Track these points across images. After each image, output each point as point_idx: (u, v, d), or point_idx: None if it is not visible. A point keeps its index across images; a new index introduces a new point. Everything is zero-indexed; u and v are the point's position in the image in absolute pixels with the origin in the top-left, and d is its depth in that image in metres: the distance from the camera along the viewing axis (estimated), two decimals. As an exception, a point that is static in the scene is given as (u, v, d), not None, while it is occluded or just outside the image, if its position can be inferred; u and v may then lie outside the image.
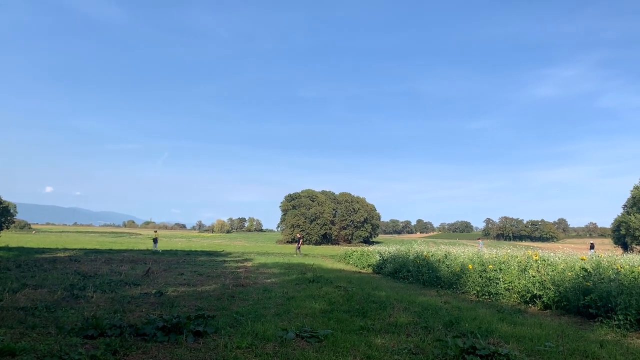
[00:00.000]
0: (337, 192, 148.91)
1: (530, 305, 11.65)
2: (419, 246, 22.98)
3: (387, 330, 7.57)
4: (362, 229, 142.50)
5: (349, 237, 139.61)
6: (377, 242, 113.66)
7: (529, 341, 6.97)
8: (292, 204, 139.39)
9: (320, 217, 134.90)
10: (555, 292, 11.00)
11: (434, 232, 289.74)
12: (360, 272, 23.17)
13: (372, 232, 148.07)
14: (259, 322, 7.72)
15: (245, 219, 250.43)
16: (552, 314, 10.61)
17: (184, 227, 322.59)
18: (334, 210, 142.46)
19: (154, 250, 34.76)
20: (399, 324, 8.11)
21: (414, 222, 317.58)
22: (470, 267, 14.69)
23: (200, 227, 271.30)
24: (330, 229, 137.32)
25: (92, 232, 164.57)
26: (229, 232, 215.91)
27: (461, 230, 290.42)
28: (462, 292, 14.13)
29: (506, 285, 12.72)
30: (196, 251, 38.17)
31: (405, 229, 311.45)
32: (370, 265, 26.01)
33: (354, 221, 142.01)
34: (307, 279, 15.00)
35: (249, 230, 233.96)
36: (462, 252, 18.78)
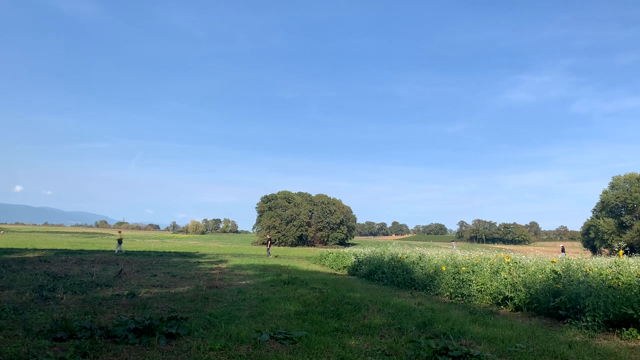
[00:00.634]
0: (313, 194, 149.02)
1: (502, 306, 11.82)
2: (394, 248, 23.11)
3: (361, 331, 7.60)
4: (338, 230, 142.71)
5: (325, 239, 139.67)
6: (353, 244, 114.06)
7: (500, 342, 7.08)
8: (268, 205, 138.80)
9: (296, 218, 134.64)
10: (526, 294, 11.19)
11: (409, 234, 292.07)
12: (335, 274, 23.20)
13: (348, 234, 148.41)
14: (233, 324, 7.67)
15: (220, 220, 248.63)
16: (523, 315, 10.79)
17: (157, 227, 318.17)
18: (310, 211, 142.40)
19: (117, 251, 33.85)
20: (373, 325, 8.15)
21: (389, 224, 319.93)
22: (443, 269, 14.85)
23: (174, 228, 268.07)
24: (306, 231, 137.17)
25: (63, 233, 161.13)
26: (203, 233, 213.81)
27: (435, 232, 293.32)
28: (436, 294, 14.27)
29: (479, 287, 12.89)
30: (170, 252, 37.71)
31: (380, 231, 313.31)
32: (345, 267, 26.07)
33: (330, 223, 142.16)
34: (282, 281, 14.97)
35: (224, 231, 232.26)
36: (436, 254, 18.99)
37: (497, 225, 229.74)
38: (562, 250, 36.35)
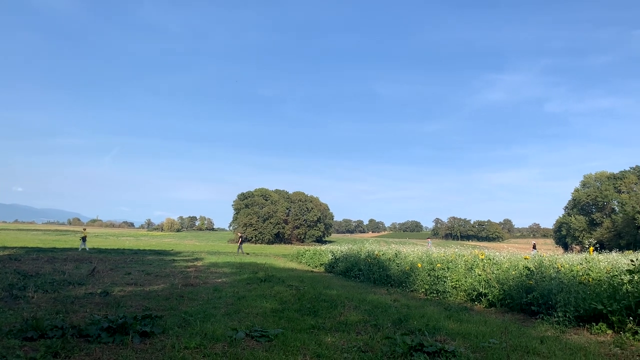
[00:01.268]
0: (290, 192, 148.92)
1: (476, 303, 11.98)
2: (370, 245, 23.27)
3: (337, 328, 7.62)
4: (315, 228, 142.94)
5: (302, 236, 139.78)
6: (330, 241, 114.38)
7: (474, 338, 7.18)
8: (245, 203, 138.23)
9: (273, 216, 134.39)
10: (499, 290, 11.36)
11: (386, 232, 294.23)
12: (312, 271, 23.23)
13: (325, 232, 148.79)
14: (209, 322, 7.62)
15: (196, 217, 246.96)
16: (496, 311, 10.95)
17: (132, 225, 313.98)
18: (287, 209, 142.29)
19: (81, 249, 33.13)
20: (350, 322, 8.18)
21: (366, 222, 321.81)
22: (419, 265, 14.99)
23: (149, 225, 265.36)
24: (283, 228, 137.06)
25: (34, 230, 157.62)
26: (179, 230, 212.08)
27: (412, 229, 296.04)
28: (412, 291, 14.39)
29: (453, 283, 13.04)
30: (144, 250, 37.29)
31: (357, 228, 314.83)
32: (322, 264, 26.12)
33: (307, 220, 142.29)
34: (258, 279, 14.92)
35: (200, 229, 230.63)
36: (412, 251, 19.18)
37: (472, 222, 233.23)
38: (534, 247, 37.02)
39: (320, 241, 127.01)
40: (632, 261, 8.91)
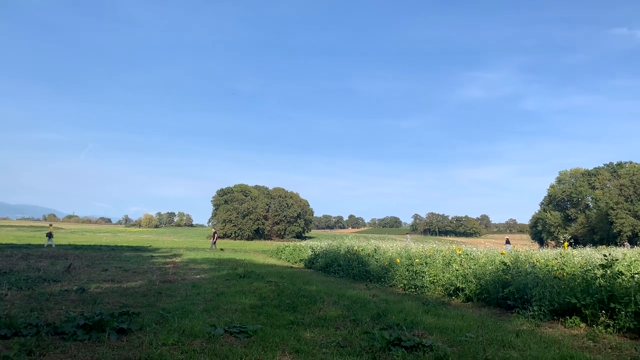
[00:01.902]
0: (270, 187, 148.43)
1: (453, 297, 12.12)
2: (350, 241, 23.33)
3: (316, 324, 7.65)
4: (295, 224, 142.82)
5: (282, 232, 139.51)
6: (310, 237, 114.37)
7: (451, 332, 7.27)
8: (225, 199, 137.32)
9: (253, 212, 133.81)
10: (476, 285, 11.51)
11: (365, 227, 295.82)
12: (292, 267, 23.23)
13: (305, 227, 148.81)
14: (187, 318, 7.57)
15: (174, 213, 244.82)
16: (473, 305, 11.10)
17: (109, 221, 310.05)
18: (267, 205, 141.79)
19: (46, 245, 32.41)
20: (329, 317, 8.21)
21: (346, 218, 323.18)
22: (398, 261, 15.11)
23: (126, 221, 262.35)
24: (263, 224, 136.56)
25: (8, 226, 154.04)
26: (157, 226, 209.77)
27: (391, 225, 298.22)
28: (390, 286, 14.49)
29: (431, 278, 13.17)
30: (122, 246, 36.85)
31: (337, 224, 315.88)
32: (302, 260, 26.14)
33: (287, 216, 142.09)
34: (237, 275, 14.88)
35: (179, 225, 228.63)
36: (391, 246, 19.31)
37: (450, 218, 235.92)
38: (507, 242, 37.63)
39: (300, 237, 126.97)
40: (605, 256, 9.12)
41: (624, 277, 8.29)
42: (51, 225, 37.08)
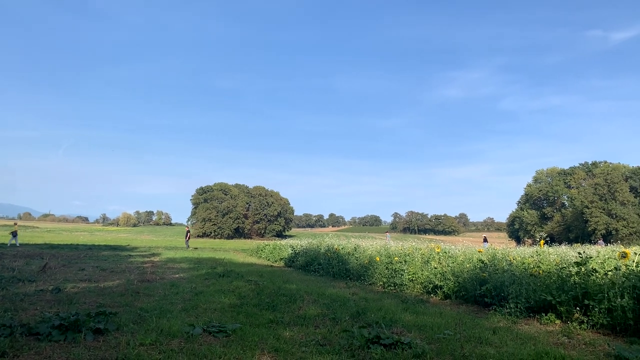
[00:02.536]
0: (251, 186, 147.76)
1: (432, 295, 12.23)
2: (330, 239, 23.40)
3: (296, 322, 7.64)
4: (275, 222, 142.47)
5: (262, 231, 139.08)
6: (290, 236, 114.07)
7: (429, 330, 7.33)
8: (204, 197, 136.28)
9: (233, 210, 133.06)
10: (455, 283, 11.64)
11: (346, 226, 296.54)
12: (272, 266, 23.19)
13: (286, 226, 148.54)
14: (165, 318, 7.49)
15: (153, 212, 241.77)
16: (451, 303, 11.21)
17: (86, 220, 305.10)
18: (247, 204, 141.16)
19: (10, 244, 31.69)
20: (308, 316, 8.21)
21: (326, 216, 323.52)
22: (377, 259, 15.18)
23: (104, 220, 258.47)
24: (243, 223, 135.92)
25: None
26: (135, 225, 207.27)
27: (371, 224, 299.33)
28: (370, 284, 14.56)
29: (410, 276, 13.27)
30: (99, 245, 36.34)
31: (318, 222, 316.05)
32: (282, 258, 26.11)
33: (268, 215, 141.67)
34: (217, 274, 14.79)
35: (157, 224, 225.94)
36: (371, 245, 19.41)
37: (429, 216, 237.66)
38: (485, 240, 38.12)
39: (280, 236, 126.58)
40: (579, 254, 9.30)
41: (597, 274, 8.46)
42: (16, 224, 36.31)
